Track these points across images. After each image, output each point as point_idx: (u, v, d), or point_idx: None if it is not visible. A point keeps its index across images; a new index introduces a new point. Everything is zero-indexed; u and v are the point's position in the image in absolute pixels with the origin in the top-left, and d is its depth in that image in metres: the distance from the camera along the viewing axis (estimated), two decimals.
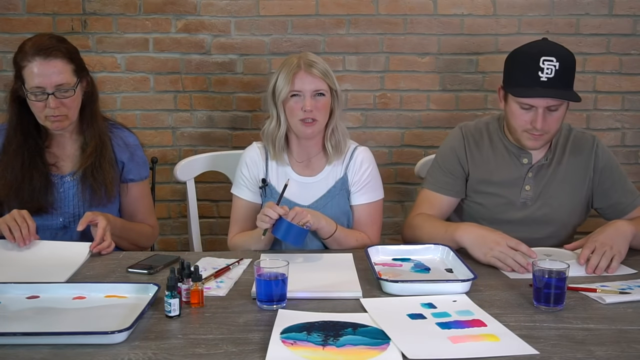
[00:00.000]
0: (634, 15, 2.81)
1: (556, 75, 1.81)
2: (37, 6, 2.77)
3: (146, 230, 2.09)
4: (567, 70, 1.83)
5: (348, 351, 1.22)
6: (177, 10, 2.80)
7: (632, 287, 1.55)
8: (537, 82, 1.81)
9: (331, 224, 1.90)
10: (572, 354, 1.21)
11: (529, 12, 2.81)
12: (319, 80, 1.95)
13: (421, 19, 2.82)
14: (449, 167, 2.04)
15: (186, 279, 1.44)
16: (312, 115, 1.93)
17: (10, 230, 1.78)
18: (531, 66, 1.82)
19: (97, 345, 1.23)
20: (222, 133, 2.90)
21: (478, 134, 2.04)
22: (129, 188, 2.07)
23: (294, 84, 1.93)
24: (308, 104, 1.92)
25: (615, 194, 1.99)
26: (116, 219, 1.96)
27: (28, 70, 1.85)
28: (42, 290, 1.50)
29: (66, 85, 1.88)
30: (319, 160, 2.06)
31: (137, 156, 2.08)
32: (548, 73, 1.80)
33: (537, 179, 1.98)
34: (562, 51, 1.87)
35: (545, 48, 1.85)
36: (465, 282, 1.53)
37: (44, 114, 1.89)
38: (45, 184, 1.95)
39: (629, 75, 2.86)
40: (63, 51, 1.89)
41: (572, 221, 2.03)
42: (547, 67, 1.80)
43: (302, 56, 1.98)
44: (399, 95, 2.88)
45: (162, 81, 2.85)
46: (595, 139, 2.02)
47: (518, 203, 1.98)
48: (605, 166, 1.99)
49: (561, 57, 1.82)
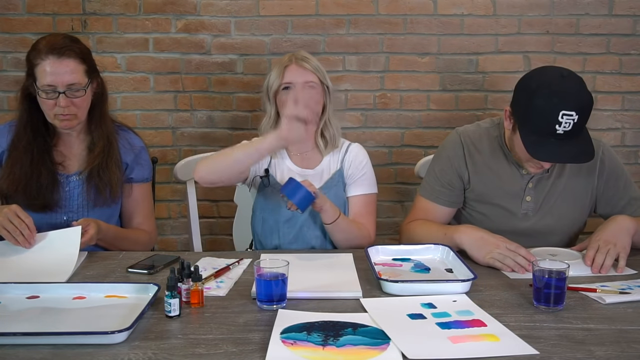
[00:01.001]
0: (634, 15, 2.82)
1: (573, 127, 1.71)
2: (37, 6, 2.77)
3: (142, 239, 2.06)
4: (583, 119, 1.73)
5: (348, 351, 1.22)
6: (177, 10, 2.80)
7: (632, 287, 1.55)
8: (553, 135, 1.71)
9: (335, 209, 1.90)
10: (572, 354, 1.21)
11: (529, 12, 2.81)
12: (309, 73, 2.00)
13: (421, 19, 2.82)
14: (445, 179, 1.99)
15: (186, 279, 1.44)
16: None
17: (10, 232, 1.77)
18: (549, 118, 1.70)
19: (97, 345, 1.23)
20: (222, 133, 2.90)
21: (478, 140, 1.98)
22: (129, 189, 2.07)
23: (285, 77, 1.99)
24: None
25: (620, 201, 1.95)
26: (109, 228, 1.94)
27: (41, 68, 1.87)
28: (42, 290, 1.50)
29: (77, 85, 1.89)
30: (316, 154, 2.09)
31: (141, 158, 2.09)
32: (565, 127, 1.70)
33: (537, 189, 1.94)
34: (582, 100, 1.72)
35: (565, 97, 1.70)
36: (465, 282, 1.53)
37: (53, 112, 1.90)
38: (52, 182, 1.96)
39: (629, 75, 2.86)
40: (76, 51, 1.90)
41: (575, 230, 2.00)
42: (566, 122, 1.70)
43: (296, 53, 2.05)
44: (399, 95, 2.88)
45: (162, 81, 2.86)
46: (601, 144, 1.95)
47: (519, 214, 1.95)
48: (611, 173, 1.94)
49: (581, 110, 1.71)
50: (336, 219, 1.90)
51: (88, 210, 1.98)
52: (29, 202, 1.89)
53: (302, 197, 1.75)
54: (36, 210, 1.91)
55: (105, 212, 2.00)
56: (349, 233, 1.95)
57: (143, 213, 2.10)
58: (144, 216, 2.10)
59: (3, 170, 1.95)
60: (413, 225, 1.98)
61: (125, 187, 2.05)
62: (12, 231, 1.75)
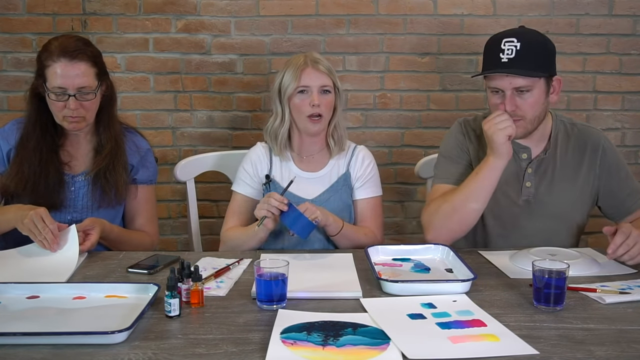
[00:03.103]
0: (634, 15, 2.81)
1: (517, 55, 1.79)
2: (37, 6, 2.77)
3: (145, 241, 2.06)
4: (529, 50, 1.80)
5: (348, 351, 1.22)
6: (177, 10, 2.80)
7: (632, 287, 1.55)
8: (498, 64, 1.81)
9: (338, 221, 1.91)
10: (572, 354, 1.21)
11: (529, 12, 2.81)
12: (325, 76, 1.99)
13: (421, 19, 2.82)
14: (455, 156, 2.01)
15: (186, 279, 1.44)
16: (319, 110, 1.97)
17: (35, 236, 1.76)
18: (494, 48, 1.83)
19: (97, 345, 1.23)
20: (222, 133, 2.90)
21: (478, 128, 2.01)
22: (133, 190, 2.07)
23: (301, 80, 1.97)
24: (316, 98, 1.96)
25: (620, 193, 1.96)
26: (113, 229, 1.95)
27: (52, 70, 1.87)
28: (42, 290, 1.50)
29: (88, 88, 1.90)
30: (322, 157, 2.09)
31: (147, 160, 2.10)
32: (508, 54, 1.80)
33: (537, 174, 1.96)
34: (528, 34, 1.84)
35: (511, 31, 1.85)
36: (465, 282, 1.53)
37: (62, 114, 1.91)
38: (59, 182, 1.97)
39: (629, 75, 2.86)
40: (88, 54, 1.91)
41: (576, 217, 1.99)
42: (508, 48, 1.80)
43: (308, 55, 2.03)
44: (399, 95, 2.88)
45: (162, 81, 2.86)
46: (602, 134, 1.99)
47: (520, 201, 1.96)
48: (613, 164, 1.96)
49: (524, 38, 1.80)
50: (340, 230, 1.91)
51: (92, 211, 1.99)
52: (36, 201, 1.89)
53: (303, 227, 1.77)
54: None
55: (110, 213, 2.01)
56: (354, 240, 1.95)
57: (146, 215, 2.10)
58: (147, 218, 2.10)
59: (11, 169, 1.95)
60: (437, 201, 1.91)
61: (130, 189, 2.06)
62: (37, 235, 1.75)
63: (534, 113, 1.85)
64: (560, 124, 2.00)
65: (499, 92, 1.85)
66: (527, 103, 1.83)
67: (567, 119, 2.02)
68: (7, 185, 1.94)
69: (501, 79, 1.82)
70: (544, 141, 1.97)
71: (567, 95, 2.87)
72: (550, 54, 1.87)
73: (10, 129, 2.00)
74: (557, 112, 2.06)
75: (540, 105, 1.86)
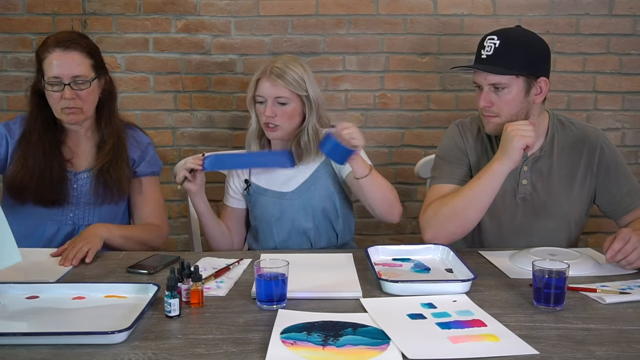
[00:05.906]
0: (634, 15, 2.81)
1: (494, 52, 1.82)
2: (37, 6, 2.77)
3: (152, 233, 2.04)
4: (508, 48, 1.82)
5: (348, 351, 1.22)
6: (177, 10, 2.80)
7: (632, 287, 1.55)
8: (478, 60, 1.87)
9: (367, 162, 1.88)
10: (572, 354, 1.21)
11: (529, 12, 2.81)
12: (280, 88, 1.96)
13: (421, 19, 2.82)
14: (453, 157, 2.01)
15: (186, 279, 1.44)
16: (272, 121, 1.97)
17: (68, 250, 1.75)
18: (479, 45, 1.88)
19: (97, 345, 1.23)
20: (222, 133, 2.90)
21: (475, 128, 2.03)
22: (137, 183, 2.08)
23: (257, 89, 1.99)
24: (268, 110, 1.97)
25: (619, 192, 1.96)
26: (114, 233, 1.90)
27: (47, 61, 1.90)
28: (42, 290, 1.50)
29: (82, 77, 1.92)
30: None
31: (147, 153, 2.11)
32: (487, 51, 1.84)
33: (533, 172, 1.96)
34: (513, 32, 1.88)
35: (499, 29, 1.88)
36: (465, 282, 1.53)
37: (60, 106, 1.92)
38: (62, 178, 1.98)
39: (629, 75, 2.86)
40: (83, 45, 1.94)
41: (574, 216, 1.99)
42: (488, 45, 1.84)
43: (274, 61, 2.01)
44: (399, 95, 2.88)
45: (162, 81, 2.85)
46: (601, 133, 1.99)
47: (517, 199, 1.97)
48: (611, 162, 1.96)
49: (505, 36, 1.83)
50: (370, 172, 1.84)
51: (94, 207, 2.00)
52: (40, 196, 1.91)
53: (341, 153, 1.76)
54: (45, 204, 1.94)
55: (113, 209, 2.02)
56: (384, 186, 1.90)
57: (151, 206, 2.10)
58: (153, 209, 2.10)
59: (16, 163, 1.96)
60: (435, 203, 1.90)
61: (133, 182, 2.06)
62: (70, 250, 1.73)
63: (509, 111, 1.86)
64: (558, 123, 2.00)
65: (480, 87, 1.89)
66: (503, 100, 1.85)
67: (565, 118, 2.02)
68: (13, 179, 1.94)
69: (479, 74, 1.88)
70: (540, 139, 1.97)
71: (567, 95, 2.87)
72: (536, 54, 1.87)
73: (15, 123, 2.03)
74: (556, 111, 2.06)
75: (518, 104, 1.86)
